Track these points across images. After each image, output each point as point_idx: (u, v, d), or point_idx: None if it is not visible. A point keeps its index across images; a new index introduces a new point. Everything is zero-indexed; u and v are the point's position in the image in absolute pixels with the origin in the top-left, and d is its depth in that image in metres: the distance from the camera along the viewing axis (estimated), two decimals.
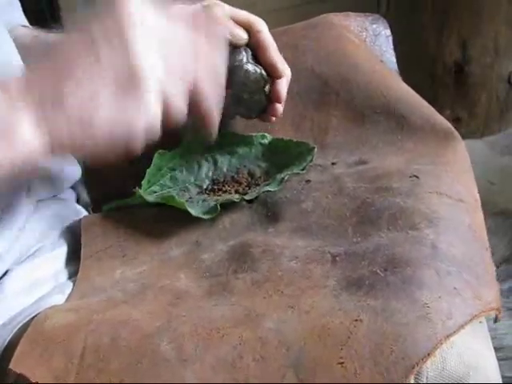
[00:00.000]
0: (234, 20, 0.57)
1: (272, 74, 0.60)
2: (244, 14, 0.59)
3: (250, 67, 0.58)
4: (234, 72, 0.57)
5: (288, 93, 0.63)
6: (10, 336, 0.48)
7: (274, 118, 0.63)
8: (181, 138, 0.64)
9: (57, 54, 0.43)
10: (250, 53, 0.58)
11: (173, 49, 0.44)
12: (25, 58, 0.58)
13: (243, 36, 0.58)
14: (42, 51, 0.63)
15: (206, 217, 0.55)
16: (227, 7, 0.58)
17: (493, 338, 0.49)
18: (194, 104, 0.46)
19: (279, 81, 0.60)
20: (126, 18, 0.43)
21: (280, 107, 0.62)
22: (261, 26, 0.59)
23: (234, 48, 0.57)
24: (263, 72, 0.59)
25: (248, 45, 0.59)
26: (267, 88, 0.60)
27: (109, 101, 0.41)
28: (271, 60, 0.59)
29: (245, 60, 0.58)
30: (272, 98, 0.61)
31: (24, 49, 0.59)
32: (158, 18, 0.45)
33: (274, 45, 0.59)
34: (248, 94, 0.59)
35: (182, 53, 0.45)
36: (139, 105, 0.42)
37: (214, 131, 0.49)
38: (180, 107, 0.45)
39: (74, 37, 0.44)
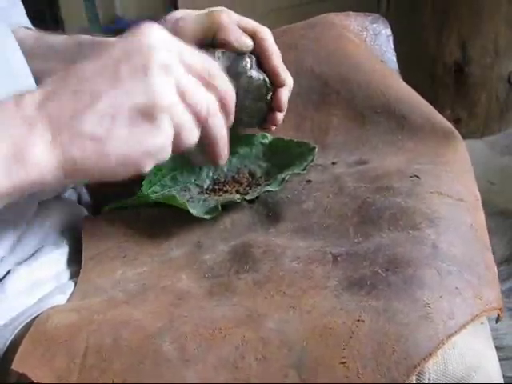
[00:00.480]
0: (239, 27, 0.58)
1: (274, 83, 0.60)
2: (250, 22, 0.59)
3: (254, 74, 0.58)
4: (237, 78, 0.57)
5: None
6: (12, 336, 0.48)
7: (273, 128, 0.63)
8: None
9: (76, 72, 0.42)
10: (254, 60, 0.59)
11: (189, 75, 0.44)
12: (29, 61, 0.58)
13: (249, 43, 0.58)
14: (55, 60, 0.62)
15: (207, 216, 0.55)
16: (234, 14, 0.59)
17: (494, 339, 0.49)
18: (205, 131, 0.46)
19: (281, 89, 0.60)
20: (149, 42, 0.42)
21: (280, 116, 0.62)
22: (266, 34, 0.59)
23: (238, 55, 0.58)
24: (266, 79, 0.59)
25: (252, 52, 0.59)
26: (269, 96, 0.60)
27: (125, 125, 0.41)
28: (274, 68, 0.59)
29: (249, 66, 0.58)
30: (273, 106, 0.61)
31: (27, 51, 0.59)
32: (179, 44, 0.45)
33: (279, 53, 0.60)
34: (251, 100, 0.59)
35: (198, 80, 0.45)
36: (153, 129, 0.42)
37: (224, 156, 0.50)
38: (191, 133, 0.45)
39: (94, 57, 0.43)
